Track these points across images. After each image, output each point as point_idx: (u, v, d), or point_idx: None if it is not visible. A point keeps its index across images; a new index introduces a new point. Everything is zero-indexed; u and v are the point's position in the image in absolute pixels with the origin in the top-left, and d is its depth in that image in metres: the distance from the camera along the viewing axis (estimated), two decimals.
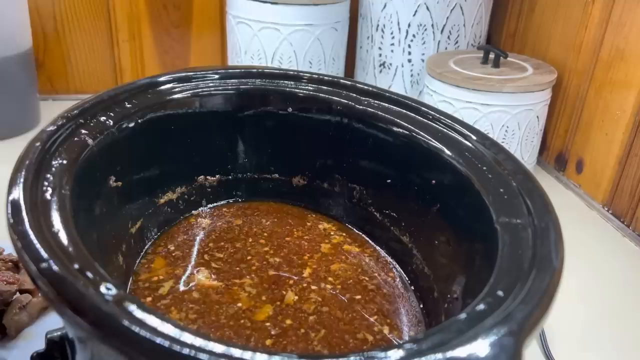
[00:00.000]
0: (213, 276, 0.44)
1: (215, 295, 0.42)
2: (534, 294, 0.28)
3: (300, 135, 0.50)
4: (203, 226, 0.50)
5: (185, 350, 0.23)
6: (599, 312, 0.57)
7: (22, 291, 0.47)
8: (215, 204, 0.52)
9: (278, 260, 0.46)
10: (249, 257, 0.46)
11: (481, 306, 0.28)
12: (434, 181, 0.43)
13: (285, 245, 0.48)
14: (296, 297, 0.42)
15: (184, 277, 0.43)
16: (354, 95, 0.49)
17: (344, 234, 0.50)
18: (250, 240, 0.48)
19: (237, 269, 0.45)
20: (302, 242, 0.49)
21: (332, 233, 0.50)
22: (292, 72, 0.51)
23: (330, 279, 0.45)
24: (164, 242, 0.47)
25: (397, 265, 0.47)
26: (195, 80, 0.47)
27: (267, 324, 0.40)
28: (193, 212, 0.51)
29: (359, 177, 0.50)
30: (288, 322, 0.40)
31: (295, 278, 0.45)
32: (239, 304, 0.41)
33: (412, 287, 0.45)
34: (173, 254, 0.46)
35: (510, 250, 0.32)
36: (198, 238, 0.48)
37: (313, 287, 0.44)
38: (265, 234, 0.49)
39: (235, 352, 0.24)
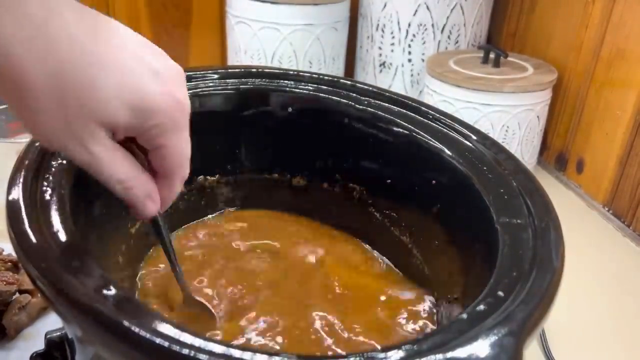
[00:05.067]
0: (215, 280, 0.44)
1: (215, 302, 0.42)
2: (535, 294, 0.28)
3: (300, 135, 0.50)
4: (203, 229, 0.50)
5: (185, 351, 0.23)
6: (599, 312, 0.57)
7: (21, 291, 0.47)
8: (216, 206, 0.52)
9: (280, 265, 0.46)
10: (249, 262, 0.46)
11: (481, 306, 0.28)
12: (434, 181, 0.43)
13: (287, 247, 0.48)
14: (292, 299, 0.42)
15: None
16: (354, 95, 0.49)
17: (344, 235, 0.50)
18: (251, 243, 0.48)
19: (237, 273, 0.45)
20: (305, 242, 0.49)
21: (333, 234, 0.50)
22: (292, 72, 0.51)
23: (333, 279, 0.45)
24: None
25: (397, 266, 0.47)
26: (195, 80, 0.47)
27: (270, 332, 0.40)
28: (194, 214, 0.51)
29: (359, 177, 0.50)
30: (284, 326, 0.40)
31: (297, 279, 0.45)
32: (239, 309, 0.41)
33: (413, 288, 0.45)
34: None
35: (511, 251, 0.32)
36: (197, 243, 0.48)
37: (316, 288, 0.44)
38: (267, 240, 0.49)
39: (235, 352, 0.24)
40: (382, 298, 0.43)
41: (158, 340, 0.24)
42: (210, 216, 0.52)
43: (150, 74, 0.28)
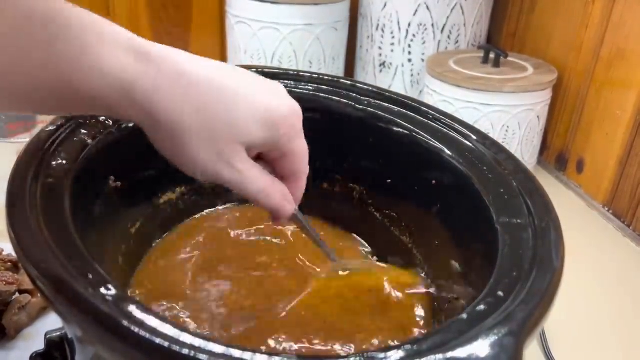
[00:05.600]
0: (215, 281, 0.44)
1: (215, 300, 0.42)
2: (535, 294, 0.28)
3: None
4: (203, 229, 0.50)
5: (185, 351, 0.23)
6: (599, 312, 0.57)
7: (21, 291, 0.47)
8: (215, 207, 0.52)
9: (281, 261, 0.46)
10: (249, 264, 0.46)
11: (482, 306, 0.28)
12: (434, 181, 0.43)
13: (287, 246, 0.48)
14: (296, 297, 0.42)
15: (184, 280, 0.43)
16: (354, 95, 0.49)
17: (344, 235, 0.50)
18: (251, 239, 0.48)
19: (237, 274, 0.45)
20: (303, 243, 0.49)
21: (333, 234, 0.50)
22: (292, 72, 0.51)
23: (333, 279, 0.45)
24: (164, 243, 0.47)
25: (396, 266, 0.47)
26: None
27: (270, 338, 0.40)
28: (194, 214, 0.51)
29: (359, 177, 0.50)
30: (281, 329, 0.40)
31: (296, 279, 0.45)
32: (239, 311, 0.41)
33: (412, 288, 0.45)
34: (174, 257, 0.46)
35: (511, 250, 0.32)
36: (199, 242, 0.48)
37: (317, 290, 0.44)
38: (267, 237, 0.49)
39: (235, 352, 0.24)
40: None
41: (158, 340, 0.24)
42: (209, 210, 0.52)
43: (264, 91, 0.32)
